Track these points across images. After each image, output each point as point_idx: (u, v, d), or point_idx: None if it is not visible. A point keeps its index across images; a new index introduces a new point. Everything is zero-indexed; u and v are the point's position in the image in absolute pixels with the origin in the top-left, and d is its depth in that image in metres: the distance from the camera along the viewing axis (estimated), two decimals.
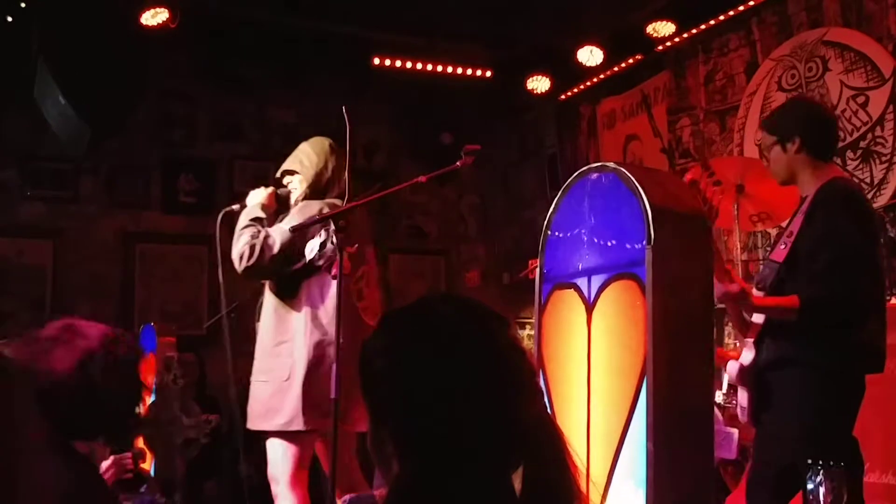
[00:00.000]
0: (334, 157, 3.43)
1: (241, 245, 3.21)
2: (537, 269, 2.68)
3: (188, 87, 6.55)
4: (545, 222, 2.64)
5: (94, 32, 5.06)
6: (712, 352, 2.32)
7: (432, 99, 6.49)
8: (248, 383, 3.42)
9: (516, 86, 6.43)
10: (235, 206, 3.45)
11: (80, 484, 1.68)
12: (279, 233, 3.20)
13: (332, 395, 2.92)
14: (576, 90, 6.67)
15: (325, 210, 3.21)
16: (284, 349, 3.26)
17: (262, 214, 3.29)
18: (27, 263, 6.19)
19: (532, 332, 2.87)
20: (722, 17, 5.46)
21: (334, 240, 3.04)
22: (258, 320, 3.55)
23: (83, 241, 6.35)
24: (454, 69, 6.38)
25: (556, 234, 2.62)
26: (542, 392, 1.29)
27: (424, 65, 6.29)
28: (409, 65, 6.25)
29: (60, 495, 1.57)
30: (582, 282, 2.44)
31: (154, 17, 5.26)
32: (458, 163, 3.39)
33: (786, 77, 5.11)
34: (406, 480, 1.23)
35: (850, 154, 4.73)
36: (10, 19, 5.16)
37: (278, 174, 3.56)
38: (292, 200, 3.44)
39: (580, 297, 2.44)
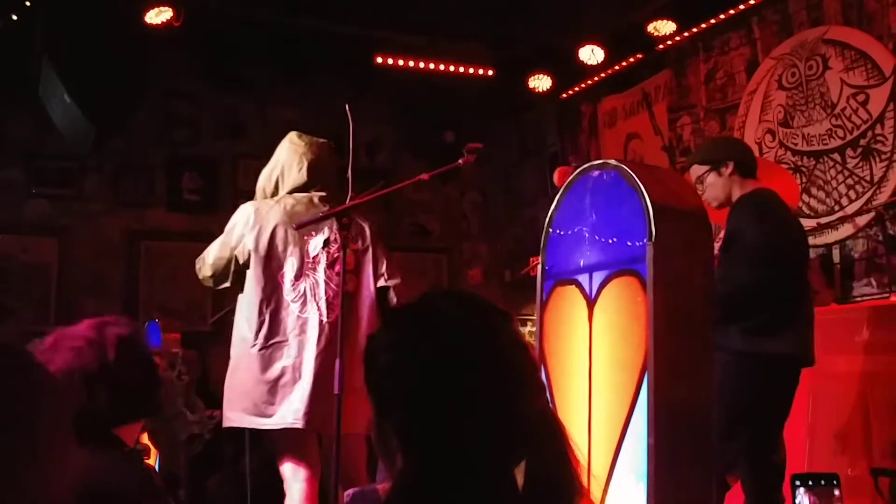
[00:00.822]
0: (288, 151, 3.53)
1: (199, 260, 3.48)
2: (539, 266, 2.71)
3: (191, 85, 6.57)
4: (547, 219, 2.66)
5: (98, 31, 5.08)
6: (712, 347, 2.34)
7: (434, 97, 6.51)
8: None
9: (518, 84, 6.45)
10: None
11: (121, 481, 1.70)
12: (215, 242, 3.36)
13: (336, 392, 2.94)
14: (577, 89, 6.69)
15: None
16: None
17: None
18: (32, 261, 6.22)
19: (533, 329, 2.90)
20: (723, 16, 5.48)
21: (337, 237, 3.07)
22: None
23: (88, 239, 6.38)
24: (456, 68, 6.40)
25: (558, 231, 2.64)
26: (544, 388, 1.31)
27: (426, 63, 6.31)
28: (411, 63, 6.27)
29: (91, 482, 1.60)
30: (583, 278, 2.46)
31: (158, 16, 5.29)
32: (460, 161, 3.41)
33: (786, 75, 5.13)
34: (410, 475, 1.24)
35: (850, 152, 4.76)
36: (14, 18, 5.18)
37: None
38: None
39: (582, 293, 2.47)
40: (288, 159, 3.51)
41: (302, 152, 3.47)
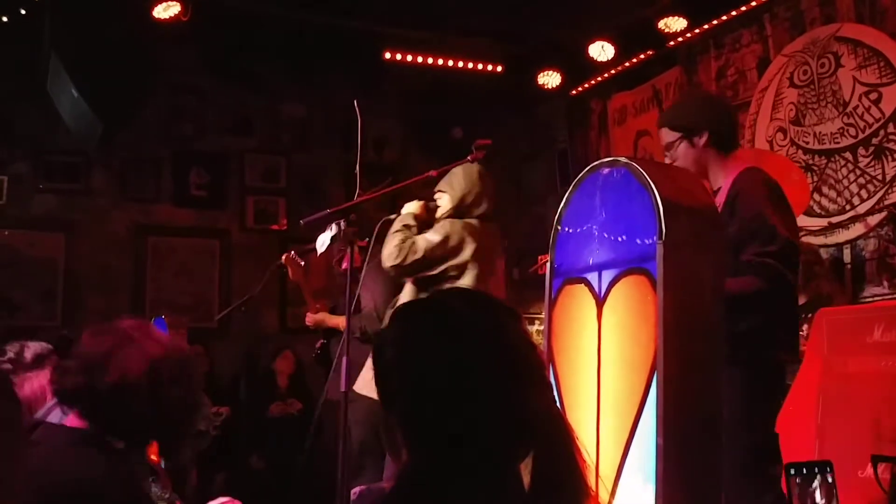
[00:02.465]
0: (480, 183, 3.74)
1: (391, 245, 3.54)
2: (547, 264, 2.68)
3: (198, 80, 6.57)
4: (556, 217, 2.63)
5: (106, 26, 5.08)
6: (723, 347, 2.31)
7: (443, 93, 6.49)
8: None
9: (527, 81, 6.42)
10: (392, 216, 3.73)
11: (110, 476, 1.69)
12: (423, 241, 3.54)
13: (342, 389, 2.93)
14: (587, 85, 6.66)
15: (464, 231, 3.61)
16: None
17: (412, 223, 3.63)
18: (39, 255, 6.23)
19: (541, 328, 2.87)
20: (734, 13, 5.43)
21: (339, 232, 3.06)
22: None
23: (95, 234, 6.39)
24: (465, 64, 6.38)
25: (567, 229, 2.61)
26: (550, 386, 1.30)
27: (435, 59, 6.29)
28: (419, 59, 6.25)
29: (85, 483, 1.59)
30: (592, 276, 2.44)
31: (166, 11, 5.28)
32: (468, 157, 3.40)
33: (798, 73, 5.09)
34: (413, 470, 1.24)
35: (861, 151, 4.71)
36: (23, 12, 5.18)
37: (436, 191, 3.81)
38: (437, 215, 3.73)
39: (591, 291, 2.44)
40: (481, 193, 3.76)
41: (488, 190, 3.79)
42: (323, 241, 3.27)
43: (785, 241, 2.64)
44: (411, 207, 3.69)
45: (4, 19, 5.22)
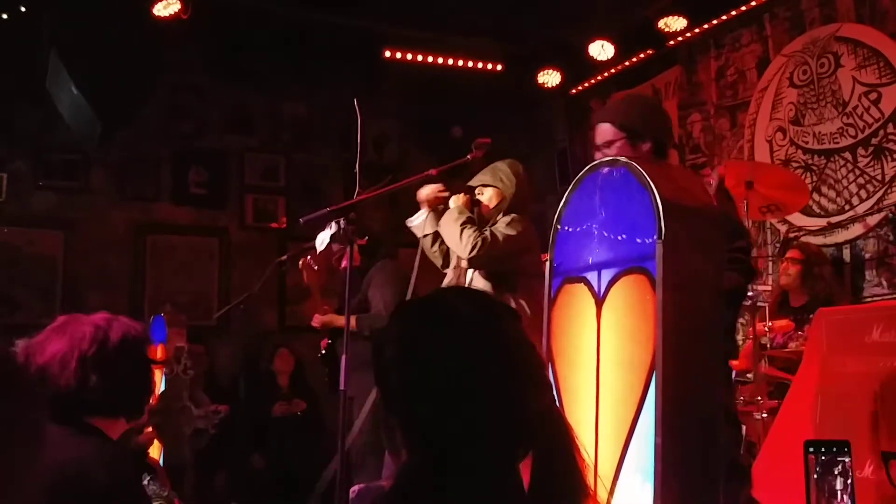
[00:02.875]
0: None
1: (465, 236, 3.49)
2: (547, 263, 2.68)
3: (198, 78, 6.56)
4: (555, 216, 2.63)
5: (106, 23, 5.07)
6: (721, 346, 2.31)
7: (442, 92, 6.48)
8: None
9: (527, 80, 6.42)
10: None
11: (93, 458, 1.71)
12: (501, 234, 3.52)
13: (342, 388, 2.93)
14: (586, 84, 6.66)
15: (532, 229, 3.64)
16: None
17: (472, 215, 3.61)
18: (38, 253, 6.22)
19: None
20: (734, 13, 5.44)
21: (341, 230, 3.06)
22: None
23: (94, 232, 6.38)
24: (465, 63, 6.38)
25: (566, 228, 2.61)
26: (550, 385, 1.30)
27: (435, 58, 6.29)
28: (419, 58, 6.25)
29: (71, 467, 1.61)
30: (592, 276, 2.44)
31: (166, 8, 5.28)
32: (468, 156, 3.41)
33: (797, 73, 5.09)
34: (413, 469, 1.24)
35: (861, 151, 4.72)
36: (23, 10, 5.17)
37: (473, 183, 3.76)
38: (491, 209, 3.68)
39: (590, 291, 2.44)
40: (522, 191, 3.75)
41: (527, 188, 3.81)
42: (322, 240, 3.27)
43: (748, 234, 2.76)
44: (460, 201, 3.65)
45: (4, 17, 5.21)
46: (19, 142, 6.20)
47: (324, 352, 4.78)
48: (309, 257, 4.66)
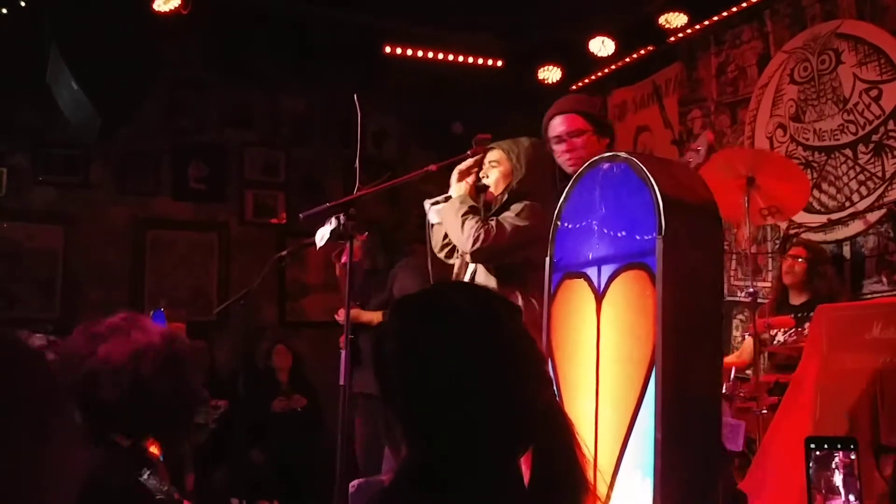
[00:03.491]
0: (540, 164, 3.50)
1: (467, 229, 3.25)
2: (547, 259, 2.68)
3: (198, 74, 6.55)
4: (555, 212, 2.64)
5: (106, 18, 5.06)
6: (721, 342, 2.32)
7: (443, 88, 6.47)
8: None
9: (527, 76, 6.42)
10: (431, 201, 3.53)
11: (110, 473, 1.67)
12: (509, 225, 3.27)
13: (341, 382, 2.93)
14: (587, 81, 6.65)
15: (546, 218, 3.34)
16: None
17: (476, 204, 3.35)
18: (38, 248, 6.22)
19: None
20: (735, 9, 5.43)
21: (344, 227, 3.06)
22: None
23: (94, 227, 6.38)
24: (465, 59, 6.37)
25: (566, 224, 2.61)
26: (551, 380, 1.30)
27: (435, 54, 6.28)
28: (420, 54, 6.24)
29: (84, 481, 1.57)
30: (592, 271, 2.44)
31: (166, 4, 5.27)
32: (468, 152, 3.40)
33: (798, 69, 5.08)
34: (413, 464, 1.24)
35: (861, 148, 4.71)
36: (23, 4, 5.16)
37: (490, 156, 3.54)
38: (498, 192, 3.43)
39: (590, 286, 2.44)
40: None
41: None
42: (322, 235, 3.27)
43: None
44: (462, 189, 3.40)
45: (4, 11, 5.20)
46: (19, 137, 6.19)
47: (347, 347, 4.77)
48: (339, 252, 4.63)
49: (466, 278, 3.48)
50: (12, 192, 6.16)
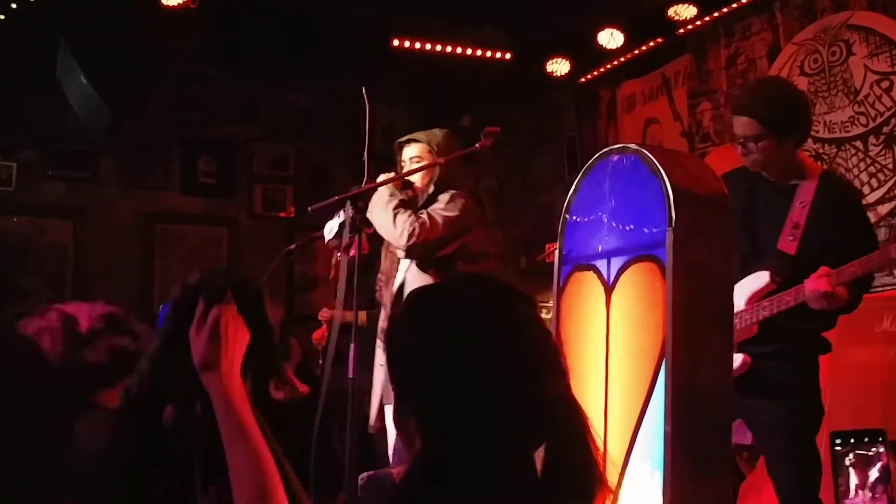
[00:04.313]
0: (460, 146, 3.54)
1: (402, 222, 3.24)
2: (556, 252, 2.68)
3: (206, 68, 6.57)
4: (565, 204, 2.63)
5: (114, 13, 5.08)
6: (731, 335, 2.31)
7: (451, 81, 6.47)
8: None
9: (535, 68, 6.40)
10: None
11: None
12: (439, 216, 3.28)
13: (350, 376, 2.94)
14: (596, 73, 6.63)
15: (474, 205, 3.40)
16: None
17: (404, 196, 3.35)
18: (48, 242, 6.26)
19: (549, 316, 2.87)
20: (744, 1, 5.40)
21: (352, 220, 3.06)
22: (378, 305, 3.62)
23: (103, 221, 6.41)
24: (473, 51, 6.35)
25: (575, 217, 2.61)
26: (565, 372, 1.29)
27: (443, 47, 6.27)
28: (427, 47, 6.23)
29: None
30: (601, 264, 2.43)
31: None
32: (477, 144, 3.39)
33: (808, 61, 5.06)
34: (426, 458, 1.24)
35: (872, 140, 4.69)
36: (32, 0, 5.19)
37: (405, 152, 3.60)
38: (422, 183, 3.47)
39: (599, 279, 2.44)
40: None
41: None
42: (331, 228, 3.27)
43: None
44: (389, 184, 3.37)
45: (14, 6, 5.22)
46: (29, 131, 6.22)
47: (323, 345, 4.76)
48: (340, 255, 4.62)
49: (399, 276, 3.46)
50: (22, 186, 6.20)
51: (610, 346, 2.37)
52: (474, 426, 1.19)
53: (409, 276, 3.43)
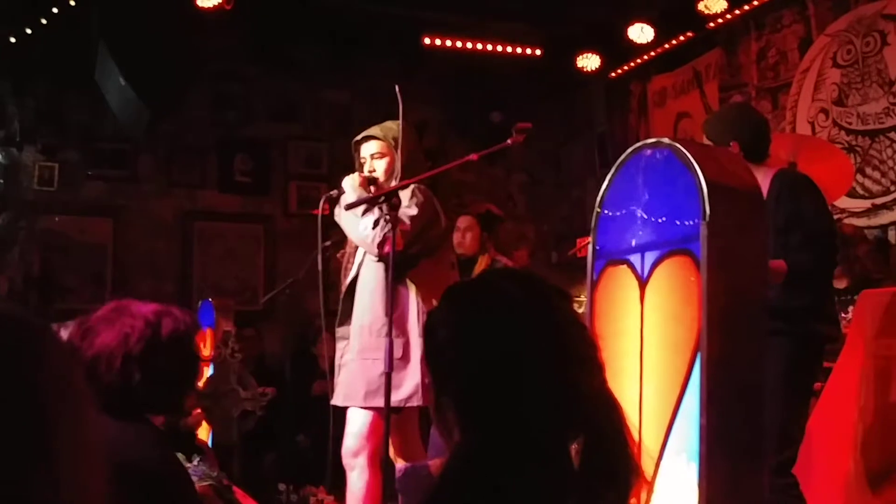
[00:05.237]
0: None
1: (373, 231, 3.21)
2: (589, 246, 2.70)
3: (242, 68, 6.66)
4: (598, 198, 2.65)
5: (152, 15, 5.17)
6: (766, 328, 2.32)
7: (482, 78, 6.50)
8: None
9: (566, 64, 6.41)
10: (334, 192, 3.46)
11: (139, 441, 1.74)
12: (407, 217, 3.23)
13: (386, 370, 2.98)
14: (626, 68, 6.63)
15: (433, 198, 3.36)
16: (395, 327, 3.14)
17: (370, 194, 3.31)
18: (89, 241, 6.39)
19: (582, 311, 2.90)
20: None
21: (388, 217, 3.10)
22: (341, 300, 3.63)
23: (142, 220, 6.53)
24: (504, 48, 6.38)
25: (608, 211, 2.63)
26: (602, 366, 1.31)
27: (474, 44, 6.30)
28: (459, 44, 6.27)
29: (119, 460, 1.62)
30: (635, 258, 2.45)
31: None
32: (509, 140, 3.40)
33: (841, 53, 5.02)
34: (466, 450, 1.25)
35: None
36: (72, 3, 5.30)
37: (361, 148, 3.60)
38: (384, 180, 3.44)
39: (633, 273, 2.46)
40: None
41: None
42: (366, 225, 3.31)
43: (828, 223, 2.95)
44: (355, 181, 3.35)
45: (55, 10, 5.34)
46: (70, 132, 6.36)
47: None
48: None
49: (353, 269, 3.47)
50: (64, 186, 6.33)
51: (644, 340, 2.40)
52: (514, 418, 1.21)
53: (367, 274, 3.44)
